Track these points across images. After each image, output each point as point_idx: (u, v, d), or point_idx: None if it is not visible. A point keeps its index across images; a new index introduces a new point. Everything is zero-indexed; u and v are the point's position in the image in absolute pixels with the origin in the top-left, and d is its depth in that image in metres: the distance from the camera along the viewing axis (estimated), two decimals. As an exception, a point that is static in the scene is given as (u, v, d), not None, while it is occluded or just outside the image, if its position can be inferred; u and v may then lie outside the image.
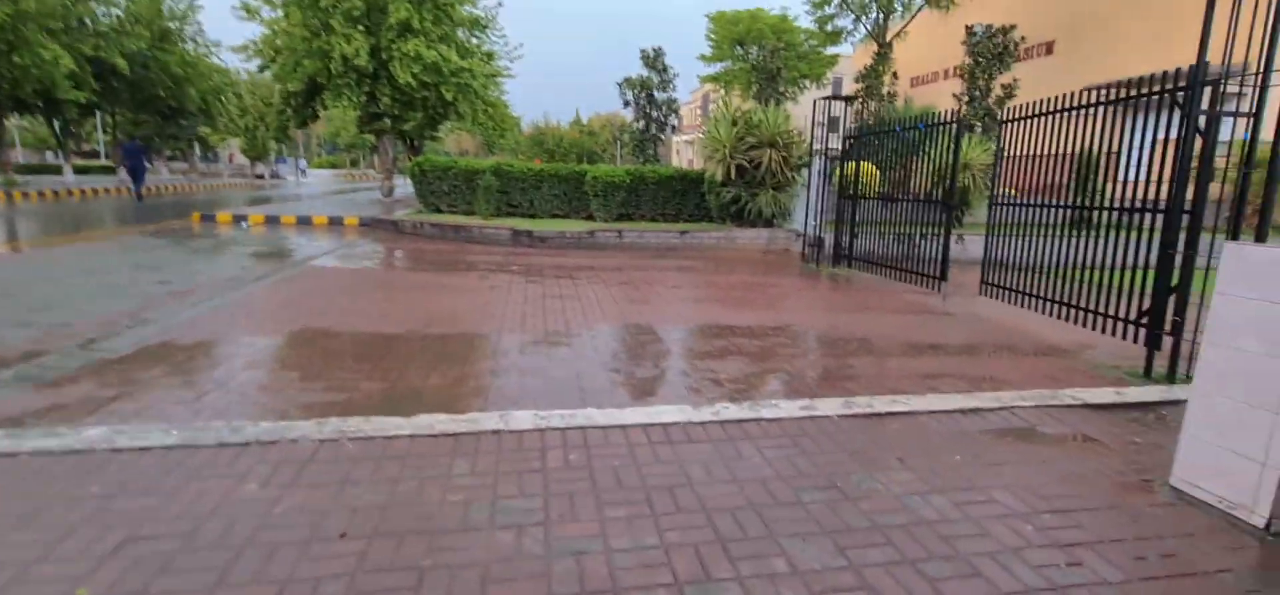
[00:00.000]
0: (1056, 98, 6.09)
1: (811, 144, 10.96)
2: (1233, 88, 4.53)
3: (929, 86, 26.07)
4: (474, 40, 19.56)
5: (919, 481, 2.74)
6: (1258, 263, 2.38)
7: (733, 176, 12.06)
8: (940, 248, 7.79)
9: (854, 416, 3.41)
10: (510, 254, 10.69)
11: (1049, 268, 6.08)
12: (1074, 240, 5.79)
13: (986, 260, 7.14)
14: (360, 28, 16.45)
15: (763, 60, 15.53)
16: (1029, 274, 6.38)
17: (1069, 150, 6.07)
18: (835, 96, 10.28)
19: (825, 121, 10.33)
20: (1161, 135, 5.02)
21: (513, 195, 14.00)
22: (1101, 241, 5.40)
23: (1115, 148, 5.51)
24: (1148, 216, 5.02)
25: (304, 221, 14.42)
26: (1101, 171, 5.65)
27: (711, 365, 4.71)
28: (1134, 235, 5.13)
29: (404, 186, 23.89)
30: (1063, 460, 3.00)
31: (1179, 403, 3.73)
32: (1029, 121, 6.43)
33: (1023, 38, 15.69)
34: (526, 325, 5.78)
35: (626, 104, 16.36)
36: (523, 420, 3.25)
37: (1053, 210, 6.11)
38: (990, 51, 15.37)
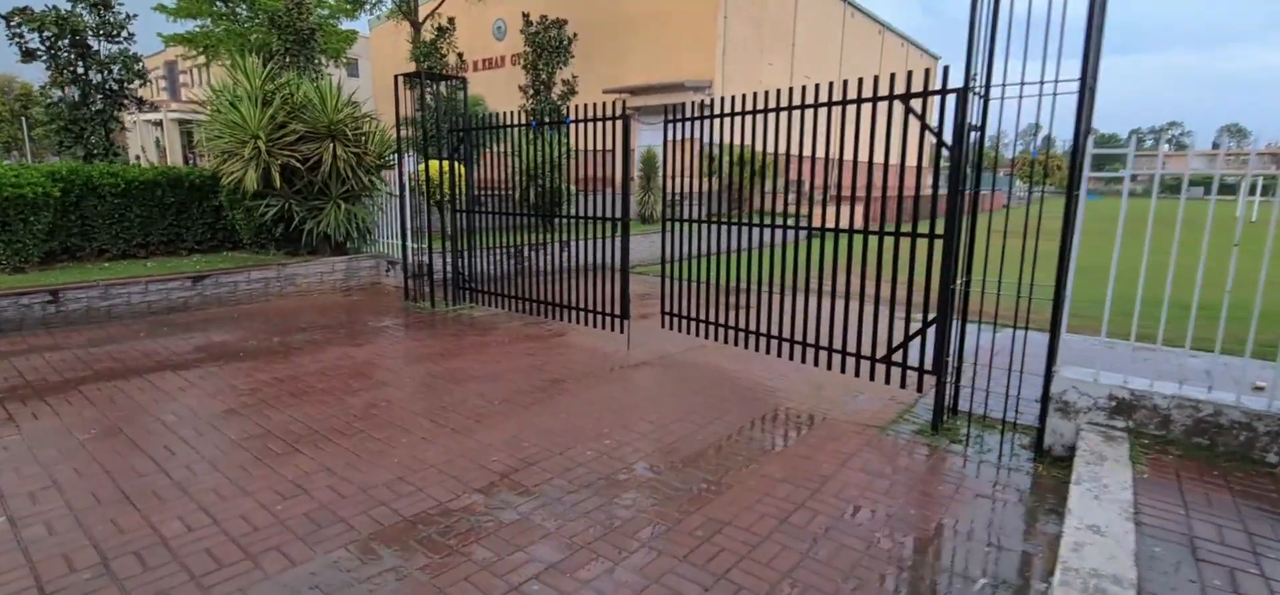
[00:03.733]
0: (773, 95, 4.93)
1: (399, 136, 7.85)
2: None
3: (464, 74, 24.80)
4: None
5: None
6: None
7: (275, 183, 7.87)
8: (619, 273, 6.06)
9: None
10: None
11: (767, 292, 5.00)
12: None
13: (665, 286, 5.83)
14: None
15: (288, 16, 11.12)
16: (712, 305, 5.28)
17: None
18: (431, 74, 7.42)
19: (422, 108, 7.40)
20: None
21: None
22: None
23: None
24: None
25: None
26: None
27: None
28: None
29: None
30: None
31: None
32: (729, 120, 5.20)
33: (575, 34, 15.56)
34: None
35: (31, 56, 9.42)
36: None
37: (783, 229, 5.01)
38: (549, 44, 14.69)
